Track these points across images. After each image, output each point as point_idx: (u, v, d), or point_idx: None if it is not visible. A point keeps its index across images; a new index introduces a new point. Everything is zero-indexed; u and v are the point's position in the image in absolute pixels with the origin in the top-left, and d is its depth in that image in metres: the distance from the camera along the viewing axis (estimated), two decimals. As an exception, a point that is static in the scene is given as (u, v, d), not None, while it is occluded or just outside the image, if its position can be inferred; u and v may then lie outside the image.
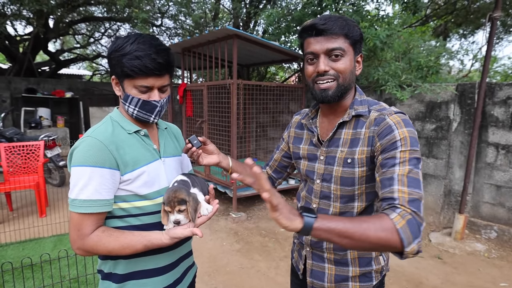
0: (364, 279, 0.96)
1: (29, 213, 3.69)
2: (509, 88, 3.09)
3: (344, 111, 0.94)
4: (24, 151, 3.83)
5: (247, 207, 4.20)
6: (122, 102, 0.91)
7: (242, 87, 4.10)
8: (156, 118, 0.93)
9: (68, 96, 7.53)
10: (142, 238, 0.84)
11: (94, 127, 0.90)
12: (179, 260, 1.00)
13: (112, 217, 0.89)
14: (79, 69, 14.44)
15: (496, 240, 3.14)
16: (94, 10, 8.02)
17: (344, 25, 0.84)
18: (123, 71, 0.83)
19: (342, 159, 0.90)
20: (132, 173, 0.87)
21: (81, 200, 0.81)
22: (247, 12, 6.22)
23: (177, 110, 6.03)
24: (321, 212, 0.97)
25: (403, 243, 0.66)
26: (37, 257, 2.55)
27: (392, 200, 0.73)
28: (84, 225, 0.82)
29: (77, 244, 0.83)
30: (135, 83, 0.85)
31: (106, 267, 0.93)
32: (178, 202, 0.83)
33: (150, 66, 0.82)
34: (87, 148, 0.82)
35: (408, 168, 0.76)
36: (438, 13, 6.13)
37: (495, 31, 3.33)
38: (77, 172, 0.82)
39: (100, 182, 0.82)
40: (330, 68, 0.86)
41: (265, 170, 1.23)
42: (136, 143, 0.91)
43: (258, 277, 2.55)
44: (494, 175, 3.20)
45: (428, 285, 2.45)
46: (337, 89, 0.87)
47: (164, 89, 0.91)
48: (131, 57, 0.81)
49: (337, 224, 0.67)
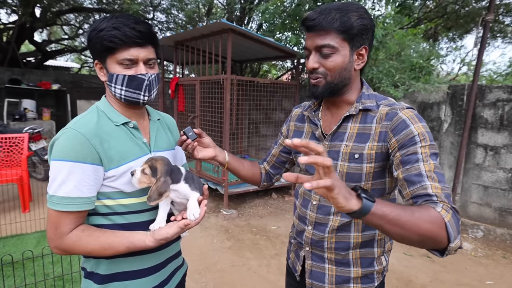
0: (366, 280, 0.93)
1: (11, 208, 3.56)
2: (499, 90, 3.15)
3: (347, 105, 0.91)
4: (6, 143, 3.69)
5: (238, 204, 4.17)
6: (108, 84, 0.84)
7: (236, 83, 4.06)
8: (146, 96, 0.85)
9: (55, 88, 7.29)
10: (124, 239, 0.80)
11: (77, 118, 0.83)
12: (166, 261, 0.95)
13: (95, 214, 0.84)
14: (67, 61, 14.04)
15: (482, 239, 3.22)
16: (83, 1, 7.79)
17: (336, 19, 0.79)
18: (102, 45, 0.78)
19: (348, 154, 0.87)
20: (117, 169, 0.81)
21: (59, 197, 0.76)
22: (241, 8, 6.16)
23: (169, 105, 5.93)
24: (322, 208, 0.93)
25: (449, 237, 0.64)
26: (19, 254, 2.44)
27: (429, 197, 0.70)
28: (62, 224, 0.77)
29: (54, 243, 0.79)
30: (118, 58, 0.79)
31: (89, 266, 0.88)
32: (150, 166, 0.80)
33: (130, 34, 0.77)
34: (67, 141, 0.77)
35: (433, 163, 0.74)
36: (429, 16, 6.29)
37: (487, 34, 3.39)
38: (56, 166, 0.76)
39: (81, 178, 0.76)
40: (320, 65, 0.84)
41: (263, 165, 1.19)
42: (124, 136, 0.85)
43: (249, 275, 2.53)
44: (482, 176, 3.27)
45: (417, 283, 2.49)
46: (325, 87, 0.86)
47: (151, 63, 0.85)
48: (109, 29, 0.77)
49: (391, 210, 0.62)
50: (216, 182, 4.06)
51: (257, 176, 1.16)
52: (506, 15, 6.25)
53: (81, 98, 7.29)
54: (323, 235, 0.93)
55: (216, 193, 4.27)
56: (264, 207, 4.15)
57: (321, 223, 0.94)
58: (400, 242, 0.66)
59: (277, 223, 3.61)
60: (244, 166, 1.12)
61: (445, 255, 0.66)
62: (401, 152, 0.78)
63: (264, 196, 4.54)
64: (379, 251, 0.94)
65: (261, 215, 3.89)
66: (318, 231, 0.94)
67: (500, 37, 7.18)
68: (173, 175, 0.83)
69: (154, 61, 0.86)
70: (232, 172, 1.09)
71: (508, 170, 3.13)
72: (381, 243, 0.94)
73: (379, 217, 0.62)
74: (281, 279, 2.47)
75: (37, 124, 5.24)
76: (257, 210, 4.03)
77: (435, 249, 0.67)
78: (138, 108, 0.90)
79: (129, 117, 0.88)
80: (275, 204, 4.30)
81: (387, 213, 0.62)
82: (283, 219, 3.75)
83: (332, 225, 0.91)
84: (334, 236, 0.92)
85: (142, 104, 0.88)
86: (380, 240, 0.93)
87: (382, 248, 0.95)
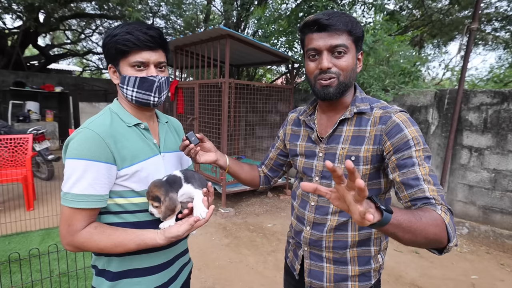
0: (363, 278, 0.94)
1: (16, 206, 3.63)
2: (483, 95, 3.29)
3: (344, 108, 0.93)
4: (11, 144, 3.78)
5: (235, 203, 4.27)
6: (120, 86, 0.87)
7: (233, 86, 4.18)
8: (157, 97, 0.88)
9: (58, 91, 7.43)
10: (135, 237, 0.81)
11: (92, 118, 0.85)
12: (175, 258, 0.97)
13: (107, 212, 0.85)
14: (69, 65, 14.20)
15: (468, 236, 3.32)
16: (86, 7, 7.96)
17: (348, 21, 0.82)
18: (116, 48, 0.82)
19: (344, 157, 0.88)
20: (129, 168, 0.83)
21: (74, 194, 0.77)
22: (238, 14, 6.31)
23: (168, 108, 6.06)
24: (320, 209, 0.95)
25: (449, 237, 0.68)
26: (24, 251, 2.48)
27: (427, 199, 0.74)
28: (75, 220, 0.79)
29: (67, 240, 0.80)
30: (130, 60, 0.83)
31: (100, 263, 0.89)
32: (152, 198, 0.82)
33: (142, 38, 0.81)
34: (83, 140, 0.79)
35: (427, 167, 0.77)
36: (415, 24, 6.53)
37: (472, 41, 3.55)
38: (71, 164, 0.78)
39: (95, 176, 0.78)
40: (333, 65, 0.84)
41: (261, 169, 1.21)
42: (136, 137, 0.87)
43: (247, 271, 2.58)
44: (467, 176, 3.39)
45: (407, 278, 2.56)
46: (338, 87, 0.85)
47: (161, 67, 0.88)
48: (122, 34, 0.81)
49: (404, 219, 0.63)
50: (214, 181, 4.17)
51: (256, 179, 1.17)
52: (487, 24, 6.49)
53: (83, 100, 7.42)
54: (321, 234, 0.94)
55: (214, 192, 4.37)
56: (260, 206, 4.25)
57: (319, 223, 0.94)
58: (408, 245, 0.68)
59: (273, 221, 3.70)
60: (244, 169, 1.13)
61: (443, 253, 0.70)
62: (397, 156, 0.79)
63: (260, 195, 4.63)
64: (376, 249, 0.95)
65: (258, 213, 3.98)
66: (316, 231, 0.95)
67: (481, 44, 7.43)
68: (174, 186, 0.85)
69: (164, 64, 0.88)
70: (232, 175, 1.11)
71: (491, 170, 3.25)
72: (377, 242, 0.95)
73: (395, 226, 0.62)
74: (277, 275, 2.53)
75: (40, 125, 5.33)
76: (253, 209, 4.13)
77: (435, 248, 0.70)
78: (148, 110, 0.93)
79: (140, 119, 0.90)
80: (271, 202, 4.40)
81: (401, 222, 0.63)
82: (278, 217, 3.84)
83: (330, 225, 0.92)
84: (332, 235, 0.93)
85: (152, 106, 0.89)
86: (376, 238, 0.94)
87: (379, 247, 0.96)
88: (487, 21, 6.40)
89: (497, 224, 3.17)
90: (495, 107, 3.20)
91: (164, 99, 0.92)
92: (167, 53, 0.90)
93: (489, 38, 7.02)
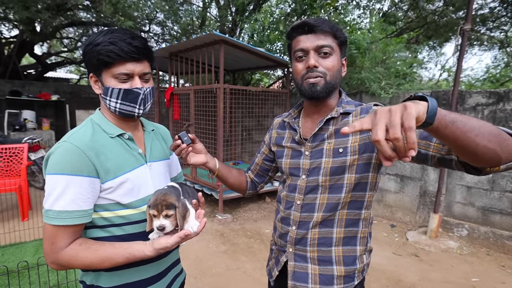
0: (347, 280, 0.95)
1: (9, 217, 3.59)
2: (478, 95, 3.29)
3: (328, 111, 0.95)
4: (6, 153, 3.76)
5: (233, 209, 4.24)
6: (103, 97, 0.84)
7: (228, 91, 4.19)
8: (141, 109, 0.86)
9: (54, 99, 7.43)
10: (123, 250, 0.78)
11: (73, 131, 0.83)
12: (167, 269, 0.95)
13: (93, 226, 0.83)
14: (66, 73, 14.23)
15: (467, 238, 3.29)
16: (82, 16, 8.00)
17: (333, 26, 0.88)
18: (99, 59, 0.78)
19: (332, 150, 0.90)
20: (114, 181, 0.81)
21: (56, 211, 0.74)
22: (233, 20, 6.35)
23: (164, 114, 6.06)
24: (306, 207, 0.95)
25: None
26: (17, 263, 2.42)
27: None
28: (59, 238, 0.75)
29: (51, 258, 0.76)
30: (114, 72, 0.80)
31: (88, 279, 0.86)
32: (166, 206, 0.77)
33: (126, 49, 0.78)
34: (62, 154, 0.75)
35: None
36: (411, 26, 6.60)
37: (466, 42, 3.55)
38: (52, 180, 0.75)
39: (78, 191, 0.75)
40: (319, 65, 0.87)
41: (248, 174, 1.21)
42: (119, 148, 0.84)
43: (244, 279, 2.56)
44: (465, 177, 3.37)
45: (407, 282, 2.53)
46: (325, 86, 0.88)
47: (146, 78, 0.85)
48: (105, 44, 0.77)
49: (457, 115, 0.60)
50: (211, 187, 4.15)
51: (244, 185, 1.17)
52: (481, 25, 6.55)
53: (79, 108, 7.42)
54: (306, 231, 0.95)
55: (211, 198, 4.35)
56: (258, 211, 4.22)
57: (305, 221, 0.96)
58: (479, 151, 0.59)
59: (271, 227, 3.62)
60: (232, 174, 1.12)
61: (485, 174, 0.68)
62: None
63: (258, 200, 4.61)
64: (361, 249, 0.95)
65: (255, 219, 3.96)
66: (301, 229, 0.96)
67: (477, 45, 7.48)
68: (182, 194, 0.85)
69: (149, 75, 0.86)
70: (220, 179, 1.10)
71: (489, 170, 3.24)
72: (363, 241, 0.96)
73: (452, 121, 0.58)
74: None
75: (36, 134, 5.32)
76: (251, 214, 4.10)
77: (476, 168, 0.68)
78: (132, 121, 0.90)
79: (124, 129, 0.88)
80: (269, 207, 4.37)
81: (456, 116, 0.59)
82: (276, 223, 3.84)
83: (315, 221, 0.93)
84: (317, 232, 0.94)
85: (137, 117, 0.88)
86: (362, 238, 0.95)
87: (364, 247, 0.96)
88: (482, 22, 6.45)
89: (496, 225, 3.14)
90: (491, 107, 3.19)
91: (148, 109, 0.90)
92: (152, 62, 0.88)
93: (484, 38, 7.07)
